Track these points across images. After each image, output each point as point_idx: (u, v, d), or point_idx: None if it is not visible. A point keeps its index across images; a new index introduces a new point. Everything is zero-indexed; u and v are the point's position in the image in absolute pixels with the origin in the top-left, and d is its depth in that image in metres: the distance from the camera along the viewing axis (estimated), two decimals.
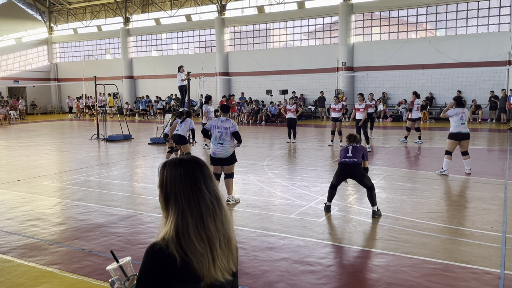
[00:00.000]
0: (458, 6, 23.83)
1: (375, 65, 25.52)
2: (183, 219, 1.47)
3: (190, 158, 1.59)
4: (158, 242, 1.46)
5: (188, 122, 10.45)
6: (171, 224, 1.48)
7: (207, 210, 1.49)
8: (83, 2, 36.59)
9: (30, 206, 7.34)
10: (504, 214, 6.41)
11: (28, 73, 37.68)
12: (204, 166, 1.56)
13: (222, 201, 1.55)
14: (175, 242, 1.44)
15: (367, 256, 5.02)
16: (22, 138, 18.97)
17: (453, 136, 9.32)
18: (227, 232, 1.53)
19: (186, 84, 15.78)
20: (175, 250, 1.42)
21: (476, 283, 4.24)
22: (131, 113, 32.56)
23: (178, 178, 1.51)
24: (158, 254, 1.44)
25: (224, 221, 1.52)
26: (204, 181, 1.52)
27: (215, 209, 1.51)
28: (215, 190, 1.55)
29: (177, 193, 1.49)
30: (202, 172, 1.54)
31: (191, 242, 1.44)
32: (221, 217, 1.52)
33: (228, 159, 7.32)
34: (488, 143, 14.39)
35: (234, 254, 1.56)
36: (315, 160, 11.64)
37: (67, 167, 11.39)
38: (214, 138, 7.31)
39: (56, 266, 4.81)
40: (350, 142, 6.86)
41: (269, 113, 25.35)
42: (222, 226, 1.51)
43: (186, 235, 1.45)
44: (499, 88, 21.81)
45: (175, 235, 1.45)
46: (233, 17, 30.36)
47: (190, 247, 1.43)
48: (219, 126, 7.28)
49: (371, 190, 6.46)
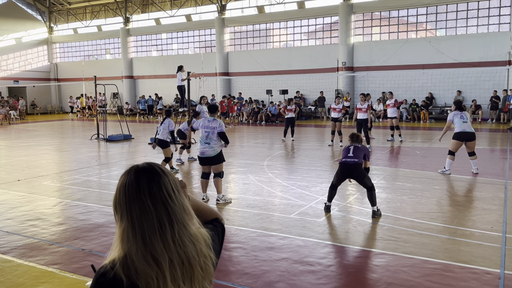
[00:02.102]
0: (458, 6, 23.83)
1: (375, 65, 25.51)
2: (126, 236, 1.30)
3: (142, 165, 1.38)
4: (103, 265, 1.31)
5: (167, 124, 10.10)
6: (116, 241, 1.33)
7: (151, 226, 1.29)
8: (83, 2, 36.59)
9: (30, 206, 7.34)
10: (504, 214, 6.41)
11: (28, 73, 37.67)
12: (153, 175, 1.34)
13: (178, 215, 1.33)
14: (121, 263, 1.28)
15: (367, 256, 5.02)
16: (22, 138, 18.97)
17: (458, 136, 9.24)
18: (185, 250, 1.31)
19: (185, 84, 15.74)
20: (121, 272, 1.26)
21: (476, 283, 4.24)
22: (131, 113, 32.58)
23: (122, 189, 1.33)
24: (100, 279, 1.28)
25: (179, 239, 1.31)
26: (149, 193, 1.30)
27: (162, 225, 1.29)
28: (169, 202, 1.32)
29: (120, 205, 1.32)
30: (148, 181, 1.32)
31: (134, 262, 1.27)
32: (173, 234, 1.30)
33: (215, 158, 7.34)
34: (488, 143, 14.38)
35: (202, 273, 1.36)
36: (315, 160, 11.64)
37: (67, 167, 11.39)
38: (201, 138, 7.40)
39: (56, 266, 4.81)
40: (352, 141, 6.84)
41: (269, 113, 25.35)
42: (175, 245, 1.30)
43: (130, 254, 1.28)
44: (499, 88, 21.80)
45: (122, 255, 1.29)
46: (233, 17, 30.36)
47: (135, 268, 1.26)
48: (206, 126, 7.35)
49: (371, 190, 6.46)
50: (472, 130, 9.27)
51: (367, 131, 13.30)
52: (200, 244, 1.36)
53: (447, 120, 9.56)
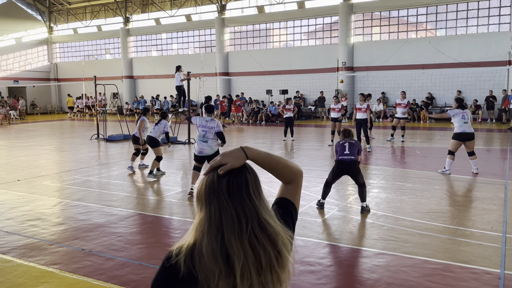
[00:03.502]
0: (458, 6, 23.83)
1: (375, 65, 25.51)
2: (202, 227, 1.32)
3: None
4: (172, 249, 1.35)
5: (163, 125, 10.05)
6: (192, 228, 1.36)
7: (229, 223, 1.29)
8: (83, 2, 36.58)
9: (30, 206, 7.34)
10: (504, 214, 6.41)
11: (28, 73, 37.67)
12: (235, 172, 1.36)
13: (256, 215, 1.31)
14: (188, 252, 1.32)
15: (367, 256, 5.02)
16: (22, 138, 18.96)
17: (457, 136, 9.26)
18: (261, 252, 1.29)
19: (184, 85, 15.74)
20: (182, 261, 1.30)
21: (476, 283, 4.23)
22: (131, 113, 32.59)
23: (205, 182, 1.36)
24: (165, 262, 1.34)
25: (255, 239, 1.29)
26: (228, 190, 1.32)
27: (240, 224, 1.29)
28: (248, 201, 1.32)
29: (201, 198, 1.35)
30: (229, 178, 1.34)
31: (202, 253, 1.29)
32: (250, 234, 1.29)
33: (213, 156, 7.43)
34: (488, 143, 14.38)
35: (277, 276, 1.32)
36: (315, 160, 11.63)
37: (67, 167, 11.38)
38: (199, 137, 7.55)
39: (56, 266, 4.80)
40: (345, 137, 6.92)
41: (269, 113, 25.35)
42: (251, 245, 1.28)
43: (200, 244, 1.30)
44: (499, 88, 21.79)
45: (191, 243, 1.33)
46: (233, 17, 30.36)
47: (200, 259, 1.29)
48: (204, 125, 7.53)
49: (363, 186, 6.58)
50: (472, 130, 9.30)
51: (367, 131, 13.30)
52: (279, 247, 1.33)
53: (447, 113, 9.63)
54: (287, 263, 1.35)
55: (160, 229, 6.27)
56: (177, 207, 7.37)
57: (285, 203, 1.52)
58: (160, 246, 5.44)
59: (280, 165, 1.52)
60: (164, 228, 6.35)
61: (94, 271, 4.62)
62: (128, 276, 4.52)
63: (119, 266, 4.76)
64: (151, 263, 4.83)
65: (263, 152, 1.49)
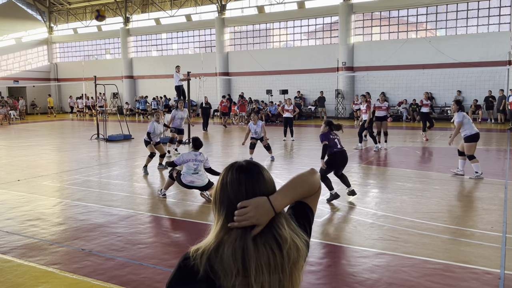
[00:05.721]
0: (458, 6, 23.83)
1: (375, 65, 25.51)
2: (222, 227, 1.36)
3: (241, 163, 1.44)
4: (191, 249, 1.37)
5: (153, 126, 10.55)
6: (212, 229, 1.40)
7: (248, 228, 1.34)
8: (83, 2, 36.58)
9: (30, 206, 7.34)
10: (504, 214, 6.41)
11: (28, 73, 37.67)
12: (252, 173, 1.39)
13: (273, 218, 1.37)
14: (206, 252, 1.34)
15: (367, 256, 5.02)
16: (22, 138, 18.96)
17: (474, 137, 8.93)
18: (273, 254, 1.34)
19: (183, 85, 15.73)
20: (200, 264, 1.32)
21: (476, 283, 4.23)
22: (131, 113, 32.58)
23: (222, 185, 1.40)
24: (182, 263, 1.36)
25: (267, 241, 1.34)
26: (246, 192, 1.37)
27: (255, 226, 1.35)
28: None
29: (219, 200, 1.39)
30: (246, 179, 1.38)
31: (224, 252, 1.32)
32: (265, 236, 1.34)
33: (206, 186, 7.52)
34: (488, 143, 14.38)
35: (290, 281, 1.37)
36: (315, 160, 11.62)
37: (67, 167, 11.38)
38: (189, 169, 7.47)
39: (56, 266, 4.80)
40: (336, 129, 7.36)
41: (269, 113, 25.36)
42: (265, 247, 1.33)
43: (223, 243, 1.34)
44: (499, 88, 21.76)
45: (213, 244, 1.35)
46: (233, 17, 30.36)
47: (222, 257, 1.32)
48: (194, 159, 7.51)
49: (343, 174, 7.30)
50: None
51: (372, 132, 13.29)
52: (293, 251, 1.37)
53: (457, 121, 9.06)
54: (297, 265, 1.39)
55: (160, 229, 6.27)
56: (176, 207, 7.37)
57: (301, 206, 1.55)
58: (160, 246, 5.44)
59: (305, 192, 1.51)
60: (164, 228, 6.35)
61: (94, 271, 4.62)
62: (128, 276, 4.52)
63: (119, 266, 4.76)
64: (151, 263, 4.83)
65: (290, 193, 1.45)
